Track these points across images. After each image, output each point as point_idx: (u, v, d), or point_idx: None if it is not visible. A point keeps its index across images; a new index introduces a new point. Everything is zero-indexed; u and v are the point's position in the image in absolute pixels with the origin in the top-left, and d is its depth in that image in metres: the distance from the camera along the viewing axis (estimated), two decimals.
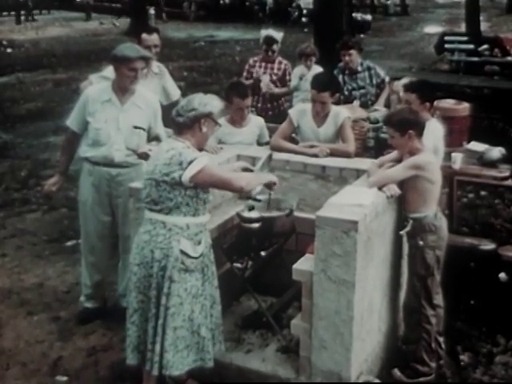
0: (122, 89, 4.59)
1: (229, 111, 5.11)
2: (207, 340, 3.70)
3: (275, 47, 6.92)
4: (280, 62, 6.98)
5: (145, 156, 4.49)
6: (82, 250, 4.97)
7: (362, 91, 6.68)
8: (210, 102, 3.69)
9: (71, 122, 4.71)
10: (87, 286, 4.94)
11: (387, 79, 6.67)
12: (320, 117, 4.98)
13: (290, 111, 5.18)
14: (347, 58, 6.58)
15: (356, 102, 6.45)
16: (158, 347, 3.59)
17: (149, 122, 4.70)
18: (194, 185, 3.55)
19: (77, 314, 4.97)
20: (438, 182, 4.12)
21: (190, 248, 3.61)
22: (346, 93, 6.62)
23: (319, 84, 4.92)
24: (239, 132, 5.19)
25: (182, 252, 3.59)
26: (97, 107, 4.58)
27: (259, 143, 5.29)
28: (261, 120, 5.43)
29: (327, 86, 4.91)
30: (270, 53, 6.91)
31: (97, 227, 4.77)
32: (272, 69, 6.93)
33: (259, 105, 6.87)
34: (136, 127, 4.61)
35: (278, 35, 7.01)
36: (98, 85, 4.84)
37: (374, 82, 6.64)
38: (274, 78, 6.91)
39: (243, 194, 4.42)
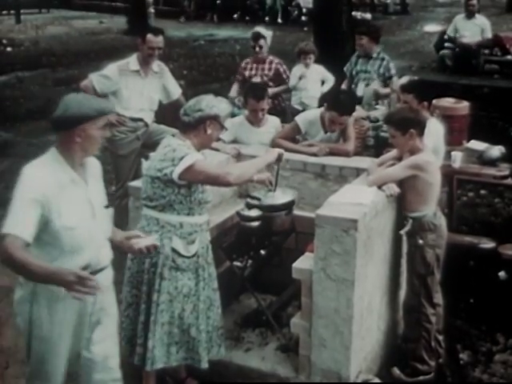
0: (78, 163, 3.11)
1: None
2: (197, 341, 3.68)
3: (262, 42, 6.76)
4: (271, 62, 6.84)
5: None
6: None
7: (367, 75, 6.81)
8: (218, 105, 3.66)
9: (16, 227, 2.86)
10: None
11: (395, 79, 6.62)
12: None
13: (298, 118, 5.11)
14: (358, 42, 6.96)
15: (361, 85, 6.72)
16: (150, 343, 3.59)
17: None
18: (185, 183, 3.52)
19: None
20: (438, 182, 4.11)
21: (182, 247, 3.60)
22: (354, 72, 6.92)
23: (342, 107, 4.76)
24: (257, 132, 5.13)
25: (173, 250, 3.58)
26: (60, 198, 2.98)
27: None
28: (277, 120, 5.31)
29: (350, 110, 4.84)
30: (257, 48, 6.75)
31: (63, 366, 3.20)
32: (263, 69, 6.80)
33: None
34: (106, 206, 3.29)
35: (267, 32, 6.90)
36: (39, 170, 3.00)
37: (381, 71, 6.72)
38: (265, 78, 6.75)
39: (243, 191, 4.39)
